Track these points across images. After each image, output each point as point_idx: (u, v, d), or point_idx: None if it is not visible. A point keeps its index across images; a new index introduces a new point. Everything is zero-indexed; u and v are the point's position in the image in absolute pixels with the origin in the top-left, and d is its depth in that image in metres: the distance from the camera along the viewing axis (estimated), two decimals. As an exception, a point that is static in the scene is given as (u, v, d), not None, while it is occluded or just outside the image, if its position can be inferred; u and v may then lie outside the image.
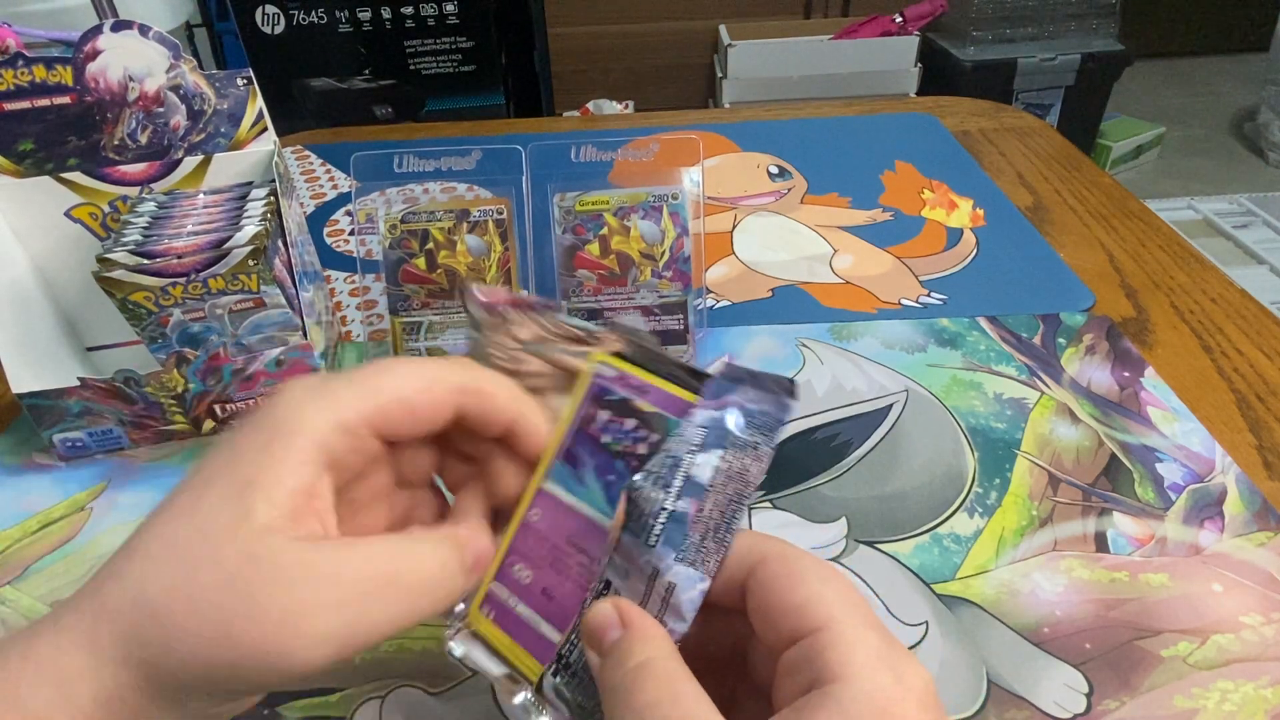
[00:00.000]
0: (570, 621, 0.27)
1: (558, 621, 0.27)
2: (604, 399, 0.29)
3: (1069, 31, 2.21)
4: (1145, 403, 0.53)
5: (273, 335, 0.51)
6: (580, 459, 0.29)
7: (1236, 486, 0.46)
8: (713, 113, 1.07)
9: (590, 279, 0.50)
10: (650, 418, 0.28)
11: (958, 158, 0.85)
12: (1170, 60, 3.16)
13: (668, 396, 0.29)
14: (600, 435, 0.29)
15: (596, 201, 0.49)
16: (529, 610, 0.28)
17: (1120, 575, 0.42)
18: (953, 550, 0.43)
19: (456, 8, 1.78)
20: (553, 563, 0.28)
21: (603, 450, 0.29)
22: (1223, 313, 0.61)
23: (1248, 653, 0.38)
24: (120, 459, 0.52)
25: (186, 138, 0.54)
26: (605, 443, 0.29)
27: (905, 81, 2.14)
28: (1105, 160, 2.43)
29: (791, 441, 0.51)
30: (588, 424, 0.29)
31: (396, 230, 0.49)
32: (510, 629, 0.28)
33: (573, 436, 0.29)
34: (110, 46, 0.50)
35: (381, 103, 1.87)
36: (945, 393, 0.54)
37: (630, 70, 2.36)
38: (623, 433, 0.29)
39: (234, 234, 0.48)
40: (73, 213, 0.55)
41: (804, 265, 0.69)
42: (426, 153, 0.51)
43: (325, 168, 0.89)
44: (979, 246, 0.70)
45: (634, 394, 0.29)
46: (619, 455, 0.28)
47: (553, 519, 0.28)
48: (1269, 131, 2.51)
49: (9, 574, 0.45)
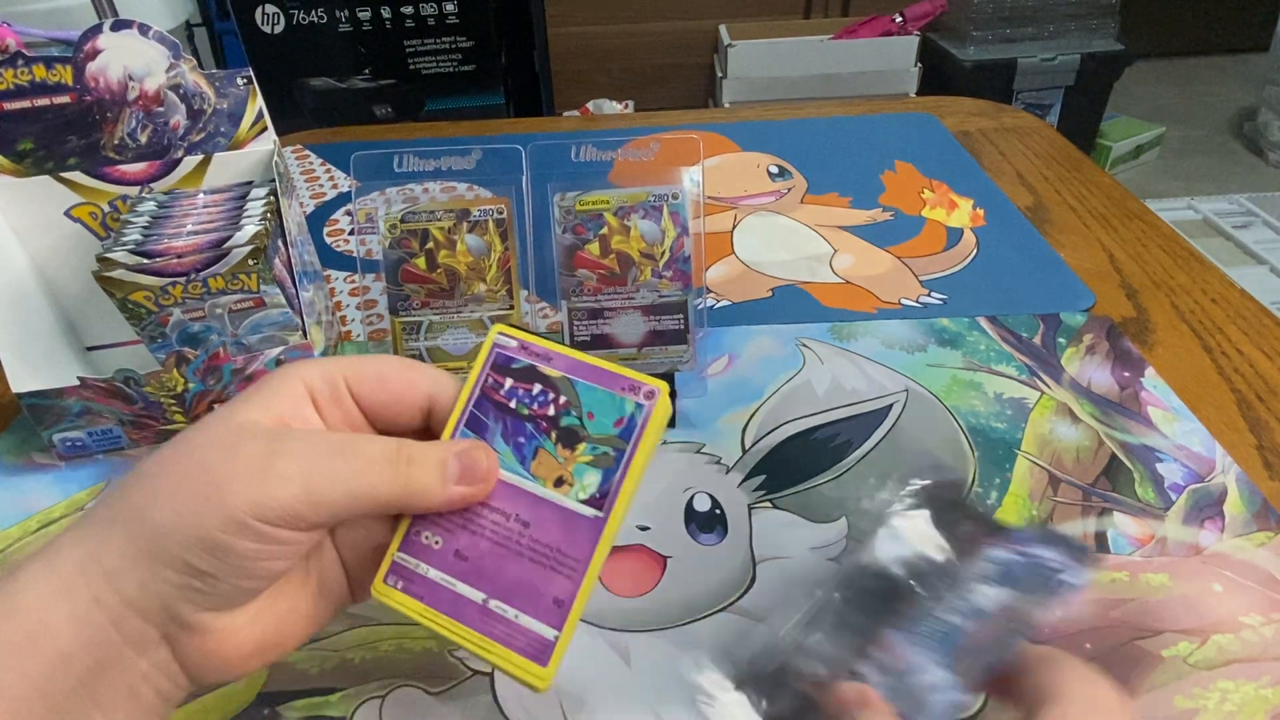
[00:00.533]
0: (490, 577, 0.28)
1: (474, 580, 0.28)
2: (508, 366, 0.30)
3: (1069, 31, 2.21)
4: (1145, 403, 0.53)
5: (273, 335, 0.51)
6: (485, 424, 0.30)
7: (1237, 486, 0.46)
8: (713, 113, 1.07)
9: (590, 279, 0.50)
10: (556, 381, 0.30)
11: (958, 158, 0.85)
12: (1170, 60, 3.16)
13: (572, 361, 0.30)
14: (507, 400, 0.30)
15: (596, 201, 0.49)
16: (441, 573, 0.28)
17: (1120, 575, 0.42)
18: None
19: (456, 7, 1.78)
20: (464, 525, 0.29)
21: (511, 414, 0.30)
22: (1223, 313, 0.61)
23: (1248, 653, 0.38)
24: (120, 459, 0.52)
25: (186, 137, 0.54)
26: (512, 407, 0.30)
27: (905, 81, 2.14)
28: (1105, 160, 2.42)
29: (791, 441, 0.51)
30: (493, 391, 0.30)
31: (396, 230, 0.49)
32: (421, 594, 0.28)
33: (475, 403, 0.30)
34: (110, 46, 0.50)
35: (381, 102, 1.87)
36: (945, 392, 0.54)
37: (630, 70, 2.36)
38: (530, 397, 0.30)
39: (234, 234, 0.48)
40: (73, 212, 0.55)
41: (804, 265, 0.69)
42: (426, 152, 0.51)
43: (325, 167, 0.89)
44: (979, 246, 0.70)
45: (538, 360, 0.30)
46: (528, 419, 0.29)
47: None
48: (1269, 131, 2.51)
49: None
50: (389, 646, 0.40)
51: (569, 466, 0.29)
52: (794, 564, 0.43)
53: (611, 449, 0.29)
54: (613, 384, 0.29)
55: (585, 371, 0.30)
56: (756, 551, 0.44)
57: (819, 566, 0.43)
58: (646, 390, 0.29)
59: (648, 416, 0.29)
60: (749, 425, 0.52)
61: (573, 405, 0.29)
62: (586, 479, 0.28)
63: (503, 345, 0.31)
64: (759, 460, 0.50)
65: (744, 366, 0.57)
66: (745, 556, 0.44)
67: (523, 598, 0.28)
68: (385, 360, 0.30)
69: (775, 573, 0.43)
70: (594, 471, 0.29)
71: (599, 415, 0.29)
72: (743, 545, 0.44)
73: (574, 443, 0.29)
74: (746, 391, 0.55)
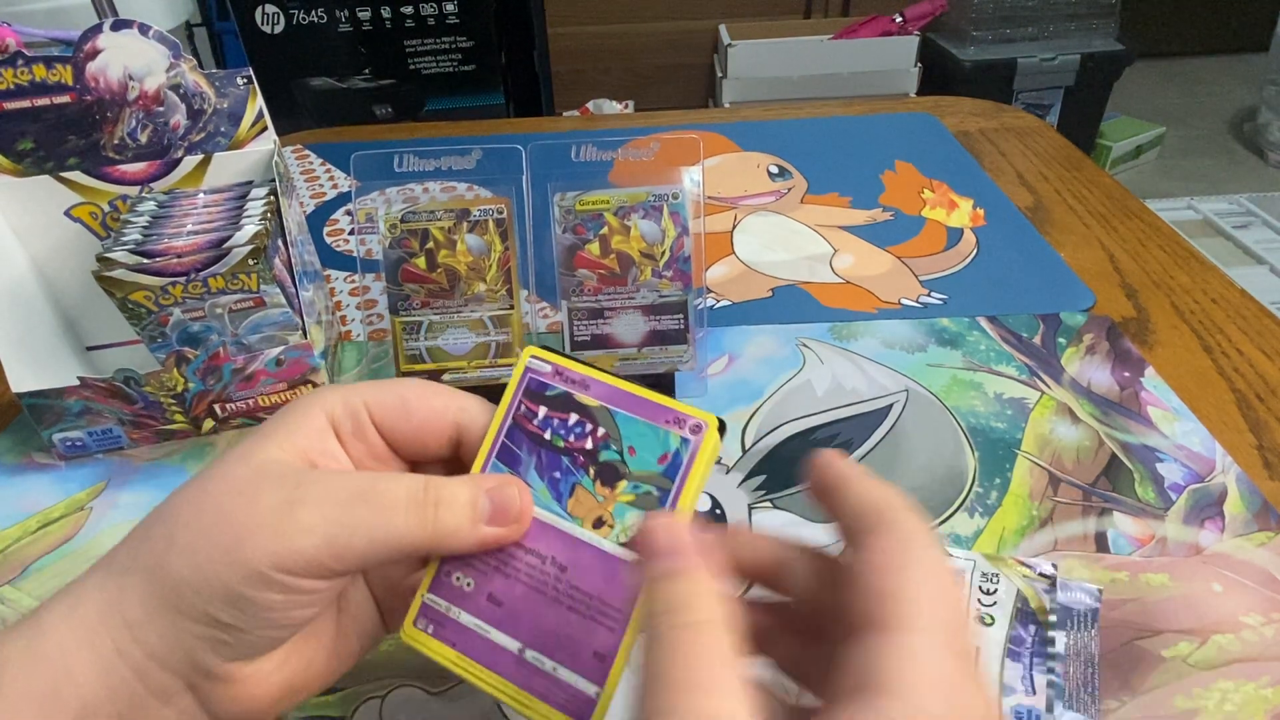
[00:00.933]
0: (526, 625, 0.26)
1: (509, 627, 0.26)
2: (542, 394, 0.28)
3: (1069, 31, 2.21)
4: (1145, 403, 0.53)
5: (273, 334, 0.51)
6: (518, 457, 0.28)
7: (1237, 486, 0.46)
8: (713, 113, 1.07)
9: (590, 278, 0.50)
10: (594, 412, 0.28)
11: (958, 158, 0.85)
12: (1170, 60, 3.16)
13: (611, 389, 0.28)
14: (541, 431, 0.28)
15: (597, 201, 0.49)
16: (474, 619, 0.27)
17: (1120, 575, 0.42)
18: (954, 549, 0.43)
19: (456, 7, 1.78)
20: (498, 567, 0.27)
21: (546, 446, 0.28)
22: (1223, 313, 0.61)
23: (1248, 653, 0.38)
24: (120, 458, 0.52)
25: (186, 137, 0.54)
26: (547, 439, 0.28)
27: (905, 81, 2.14)
28: (1105, 160, 2.42)
29: (791, 441, 0.51)
30: (525, 420, 0.28)
31: (396, 230, 0.49)
32: (453, 640, 0.27)
33: (507, 433, 0.28)
34: (110, 46, 0.50)
35: (381, 102, 1.87)
36: (945, 392, 0.54)
37: (630, 70, 2.36)
38: (566, 428, 0.28)
39: (234, 233, 0.48)
40: (73, 212, 0.55)
41: (804, 265, 0.69)
42: (426, 152, 0.51)
43: (325, 167, 0.89)
44: (979, 246, 0.70)
45: (574, 388, 0.28)
46: (564, 452, 0.28)
47: None
48: (1269, 131, 2.51)
49: (9, 573, 0.45)
50: (389, 645, 0.40)
51: (609, 506, 0.27)
52: (794, 564, 0.43)
53: (655, 488, 0.27)
54: (656, 416, 0.27)
55: (626, 401, 0.28)
56: (756, 551, 0.44)
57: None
58: (693, 424, 0.27)
59: (694, 453, 0.26)
60: (749, 425, 0.52)
61: (612, 438, 0.27)
62: (628, 520, 0.26)
63: (536, 370, 0.29)
64: (759, 460, 0.50)
65: (744, 366, 0.57)
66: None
67: (561, 649, 0.26)
68: (408, 386, 0.28)
69: (775, 573, 0.43)
70: (636, 513, 0.26)
71: (641, 450, 0.27)
72: (743, 545, 0.44)
73: (614, 480, 0.27)
74: (746, 391, 0.55)
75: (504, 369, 0.51)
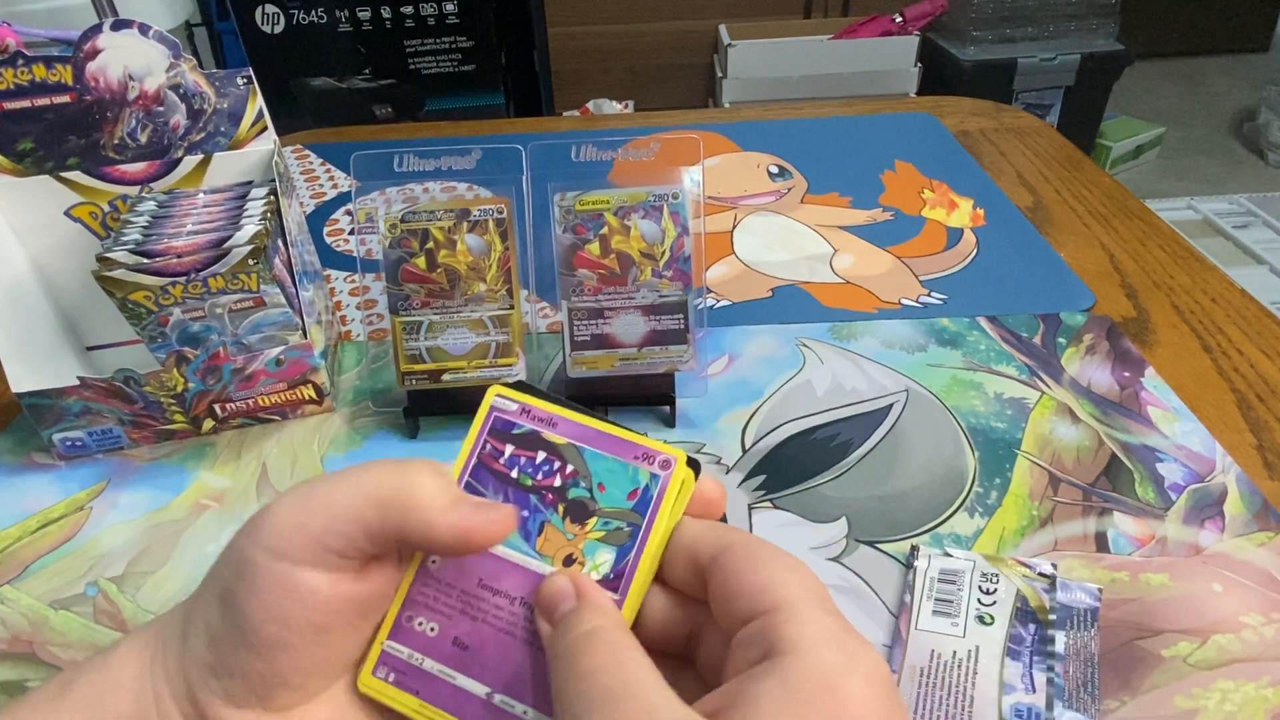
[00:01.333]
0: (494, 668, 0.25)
1: (476, 671, 0.25)
2: (508, 433, 0.28)
3: (1069, 31, 2.21)
4: (1145, 403, 0.53)
5: (273, 334, 0.51)
6: (483, 496, 0.27)
7: (1237, 486, 0.46)
8: (713, 113, 1.07)
9: (590, 278, 0.50)
10: (562, 449, 0.27)
11: (958, 158, 0.85)
12: (1170, 60, 3.16)
13: (579, 426, 0.27)
14: (508, 470, 0.27)
15: (597, 201, 0.49)
16: (438, 664, 0.26)
17: (1120, 575, 0.42)
18: (953, 549, 0.43)
19: (456, 7, 1.78)
20: (464, 609, 0.26)
21: (512, 485, 0.27)
22: (1223, 313, 0.61)
23: (1248, 653, 0.38)
24: (120, 458, 0.52)
25: (186, 137, 0.54)
26: (514, 477, 0.27)
27: (905, 81, 2.14)
28: (1105, 160, 2.42)
29: (791, 441, 0.51)
30: (491, 459, 0.27)
31: (396, 229, 0.49)
32: (416, 688, 0.25)
33: (472, 472, 0.27)
34: (110, 45, 0.50)
35: (381, 102, 1.87)
36: (945, 392, 0.54)
37: (630, 70, 2.36)
38: (533, 466, 0.27)
39: (234, 233, 0.48)
40: (72, 212, 0.55)
41: (804, 265, 0.69)
42: (426, 152, 0.51)
43: (325, 167, 0.89)
44: (979, 246, 0.70)
45: (541, 426, 0.28)
46: (531, 490, 0.27)
47: (456, 563, 0.27)
48: (1269, 131, 2.51)
49: (9, 573, 0.45)
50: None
51: (579, 544, 0.26)
52: (794, 564, 0.43)
53: (626, 524, 0.26)
54: (624, 452, 0.27)
55: (594, 438, 0.27)
56: (756, 551, 0.44)
57: (819, 566, 0.43)
58: (662, 459, 0.27)
59: (664, 488, 0.26)
60: (749, 425, 0.52)
61: (581, 475, 0.27)
62: (599, 558, 0.26)
63: (501, 409, 0.28)
64: (759, 460, 0.50)
65: (744, 366, 0.57)
66: (745, 556, 0.44)
67: (533, 692, 0.25)
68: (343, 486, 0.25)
69: (775, 572, 0.43)
70: (607, 549, 0.26)
71: (610, 486, 0.27)
72: (743, 545, 0.44)
73: (584, 517, 0.26)
74: (746, 391, 0.55)
75: (504, 369, 0.51)
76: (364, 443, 0.53)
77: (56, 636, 0.42)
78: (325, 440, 0.53)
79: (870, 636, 0.40)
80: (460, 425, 0.52)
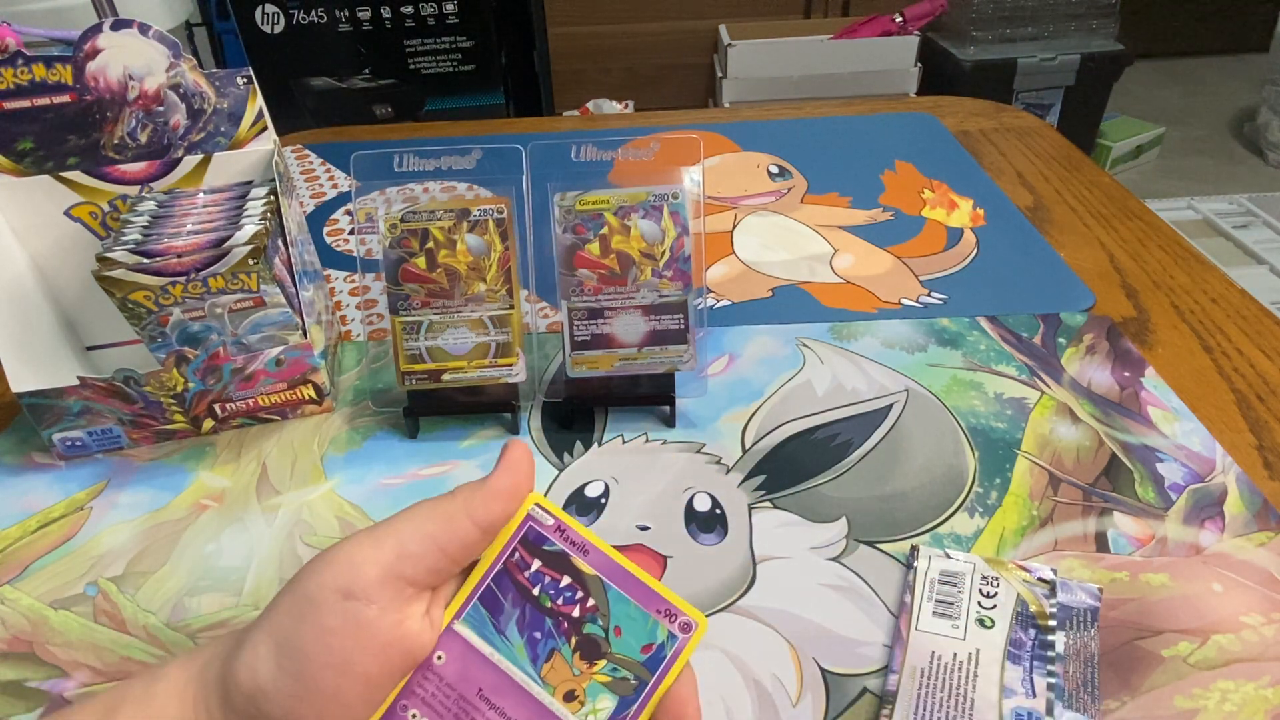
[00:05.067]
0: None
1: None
2: (539, 546, 0.27)
3: (1069, 31, 2.21)
4: (1145, 403, 0.53)
5: (272, 334, 0.51)
6: (501, 605, 0.27)
7: (1237, 486, 0.46)
8: (713, 113, 1.07)
9: (590, 278, 0.50)
10: (588, 580, 0.27)
11: (958, 158, 0.85)
12: (1170, 60, 3.16)
13: (609, 561, 0.27)
14: (531, 585, 0.27)
15: (597, 201, 0.49)
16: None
17: (1120, 575, 0.42)
18: (953, 550, 0.43)
19: (456, 7, 1.77)
20: (458, 715, 0.25)
21: (532, 602, 0.27)
22: (1223, 313, 0.61)
23: (1248, 653, 0.38)
24: (120, 458, 0.52)
25: (186, 137, 0.54)
26: (535, 594, 0.27)
27: (905, 81, 2.14)
28: (1105, 160, 2.42)
29: (791, 441, 0.51)
30: (517, 569, 0.27)
31: (396, 229, 0.49)
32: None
33: (495, 577, 0.27)
34: (110, 45, 0.50)
35: (381, 102, 1.87)
36: (945, 392, 0.54)
37: (630, 70, 2.36)
38: (556, 589, 0.27)
39: (234, 233, 0.48)
40: (72, 212, 0.55)
41: (804, 265, 0.69)
42: (426, 152, 0.51)
43: (325, 167, 0.89)
44: (979, 246, 0.70)
45: (573, 550, 0.27)
46: (549, 613, 0.27)
47: (462, 666, 0.26)
48: (1269, 131, 2.50)
49: (9, 573, 0.45)
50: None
51: (584, 682, 0.26)
52: (794, 564, 0.43)
53: (634, 676, 0.26)
54: (648, 602, 0.27)
55: (621, 578, 0.27)
56: (757, 551, 0.44)
57: (819, 566, 0.43)
58: (683, 621, 0.26)
59: (679, 651, 0.26)
60: (749, 425, 0.52)
61: (601, 613, 0.26)
62: (600, 703, 0.26)
63: (538, 520, 0.27)
64: (759, 460, 0.50)
65: (744, 366, 0.57)
66: (745, 556, 0.44)
67: None
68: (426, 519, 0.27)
69: (775, 573, 0.43)
70: (609, 696, 0.26)
71: (627, 633, 0.26)
72: (743, 545, 0.44)
73: (595, 657, 0.26)
74: (746, 391, 0.55)
75: (504, 369, 0.51)
76: (364, 443, 0.52)
77: (56, 636, 0.42)
78: (325, 440, 0.53)
79: (870, 636, 0.40)
80: (461, 425, 0.52)
